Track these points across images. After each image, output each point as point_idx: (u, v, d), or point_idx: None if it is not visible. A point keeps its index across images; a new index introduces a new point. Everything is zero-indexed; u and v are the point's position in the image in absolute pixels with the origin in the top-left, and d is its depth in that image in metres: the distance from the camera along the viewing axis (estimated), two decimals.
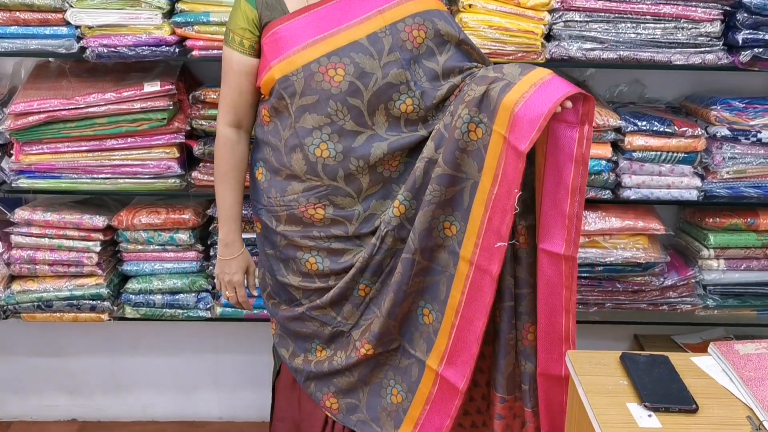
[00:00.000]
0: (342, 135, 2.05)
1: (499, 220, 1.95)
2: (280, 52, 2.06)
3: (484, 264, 2.00)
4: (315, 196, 2.12)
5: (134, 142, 2.62)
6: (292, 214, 2.16)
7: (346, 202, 2.12)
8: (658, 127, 2.62)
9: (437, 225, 2.08)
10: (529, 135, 1.84)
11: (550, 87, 1.87)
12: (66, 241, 2.73)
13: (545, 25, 2.49)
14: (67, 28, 2.50)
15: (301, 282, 2.23)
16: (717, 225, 2.81)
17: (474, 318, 2.05)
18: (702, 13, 2.49)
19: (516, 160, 1.88)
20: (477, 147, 1.99)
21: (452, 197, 2.05)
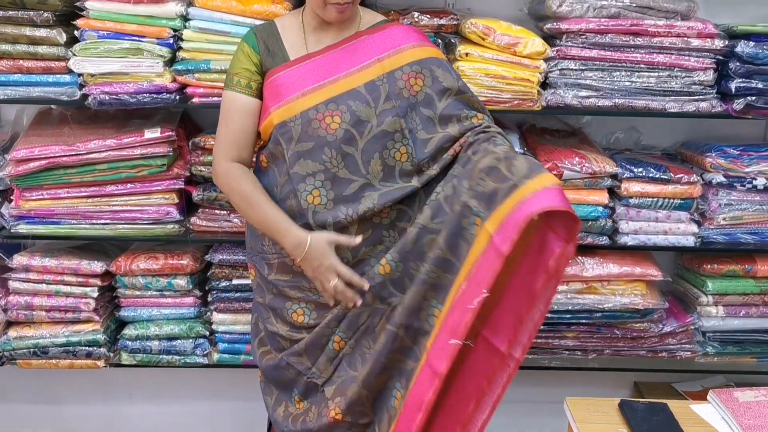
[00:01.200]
0: (335, 182, 2.07)
1: (458, 316, 1.88)
2: (280, 98, 2.09)
3: (433, 361, 1.93)
4: None
5: (134, 187, 2.63)
6: (283, 263, 2.16)
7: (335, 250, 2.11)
8: (654, 174, 2.64)
9: (427, 308, 2.02)
10: (511, 236, 1.78)
11: (544, 197, 1.77)
12: (64, 286, 2.72)
13: (541, 73, 2.52)
14: (70, 76, 2.53)
15: (288, 332, 2.22)
16: (715, 271, 2.81)
17: (412, 413, 1.97)
18: (695, 62, 2.53)
19: (494, 260, 1.80)
20: (466, 238, 1.93)
21: (447, 284, 1.98)
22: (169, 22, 2.48)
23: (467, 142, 2.07)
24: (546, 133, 2.93)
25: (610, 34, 2.50)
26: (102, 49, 2.48)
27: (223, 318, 2.79)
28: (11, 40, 2.50)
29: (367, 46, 2.11)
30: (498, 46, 2.49)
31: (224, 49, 2.49)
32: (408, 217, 2.11)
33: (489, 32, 2.49)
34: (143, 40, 2.49)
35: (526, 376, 3.10)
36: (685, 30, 2.51)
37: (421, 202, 2.10)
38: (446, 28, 2.60)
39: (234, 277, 2.75)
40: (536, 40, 2.49)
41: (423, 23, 2.55)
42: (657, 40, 2.51)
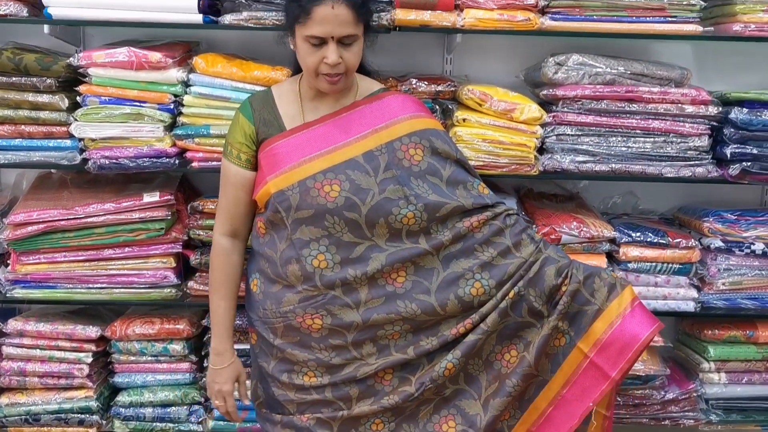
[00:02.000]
0: (340, 246, 2.06)
1: (560, 420, 2.11)
2: (277, 167, 2.10)
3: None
4: (312, 307, 2.10)
5: (131, 251, 2.63)
6: (290, 325, 2.14)
7: (343, 312, 2.09)
8: (652, 239, 2.65)
9: (500, 418, 2.16)
10: (619, 363, 2.05)
11: (635, 320, 2.08)
12: (57, 352, 2.69)
13: (538, 139, 2.55)
14: (71, 141, 2.56)
15: (296, 394, 2.18)
16: (716, 337, 2.79)
17: None
18: (690, 128, 2.56)
19: (600, 381, 2.08)
20: (556, 352, 2.13)
21: (526, 398, 2.17)
22: (170, 88, 2.52)
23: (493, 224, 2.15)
24: (544, 197, 2.95)
25: (606, 100, 2.54)
26: (103, 114, 2.51)
27: None
28: (14, 105, 2.53)
29: (364, 117, 2.13)
30: (495, 112, 2.52)
31: (224, 114, 2.52)
32: (425, 288, 2.10)
33: (486, 98, 2.53)
34: (144, 106, 2.52)
35: None
36: (679, 97, 2.55)
37: (438, 273, 2.11)
38: (444, 94, 2.64)
39: None
40: (533, 106, 2.53)
41: (421, 90, 2.59)
42: (652, 106, 2.55)
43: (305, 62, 2.05)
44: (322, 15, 1.96)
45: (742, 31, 2.55)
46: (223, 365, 2.26)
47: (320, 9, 1.96)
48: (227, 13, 2.49)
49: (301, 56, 2.06)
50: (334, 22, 1.97)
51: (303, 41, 2.02)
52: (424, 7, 2.48)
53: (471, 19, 2.49)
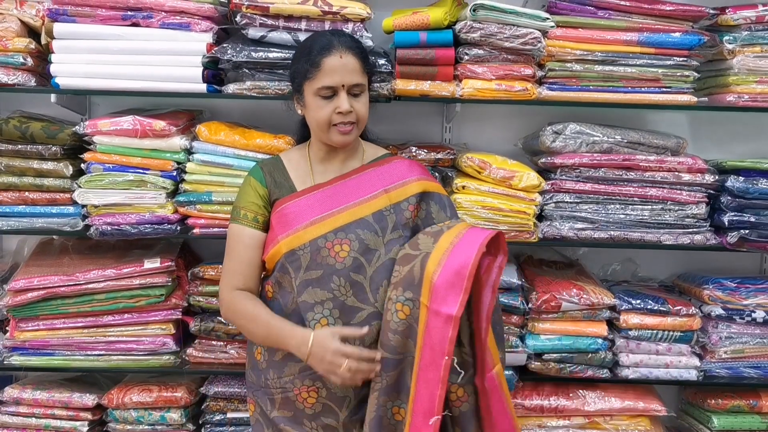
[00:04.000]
0: (343, 311, 2.06)
1: (428, 395, 1.90)
2: (289, 227, 2.12)
3: None
4: (310, 378, 2.09)
5: (131, 318, 2.63)
6: (287, 398, 2.12)
7: (338, 386, 2.07)
8: (653, 306, 2.65)
9: (386, 413, 2.00)
10: (456, 299, 1.85)
11: (463, 245, 1.91)
12: (53, 420, 2.66)
13: (537, 206, 2.57)
14: (74, 207, 2.58)
15: None
16: (719, 407, 2.76)
17: None
18: (687, 196, 2.59)
19: (442, 326, 1.87)
20: (408, 324, 1.97)
21: (396, 381, 2.00)
22: (173, 156, 2.56)
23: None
24: (543, 264, 2.96)
25: (603, 168, 2.57)
26: (107, 181, 2.54)
27: None
28: (18, 172, 2.57)
29: (374, 178, 2.17)
30: (494, 179, 2.55)
31: (226, 181, 2.55)
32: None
33: (485, 166, 2.56)
34: (147, 173, 2.55)
35: None
36: (675, 165, 2.58)
37: None
38: (443, 162, 2.67)
39: (229, 410, 2.69)
40: (531, 173, 2.56)
41: (421, 157, 2.63)
42: (649, 174, 2.58)
43: (317, 117, 2.10)
44: (332, 65, 2.06)
45: (736, 102, 2.60)
46: (312, 341, 2.00)
47: (329, 60, 2.06)
48: (231, 83, 2.54)
49: (313, 112, 2.12)
50: (344, 71, 2.07)
51: (314, 96, 2.09)
52: (424, 77, 2.54)
53: (469, 89, 2.54)
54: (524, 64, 2.55)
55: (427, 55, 2.52)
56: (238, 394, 2.65)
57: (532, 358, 2.65)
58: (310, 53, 2.09)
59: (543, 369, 2.65)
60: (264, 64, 2.49)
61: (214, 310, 2.65)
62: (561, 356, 2.64)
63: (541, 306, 2.60)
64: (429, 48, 2.51)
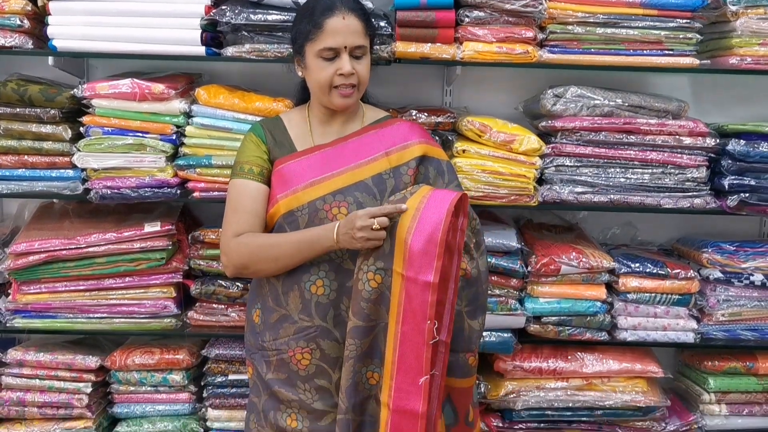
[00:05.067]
0: (339, 273, 2.07)
1: (415, 357, 1.92)
2: (287, 187, 2.12)
3: (401, 405, 1.95)
4: (304, 339, 2.10)
5: (132, 281, 2.64)
6: (281, 360, 2.14)
7: (331, 347, 2.10)
8: (652, 269, 2.65)
9: (361, 378, 2.03)
10: (431, 265, 1.87)
11: (430, 210, 1.90)
12: (57, 382, 2.69)
13: (537, 170, 2.57)
14: (73, 171, 2.58)
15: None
16: (716, 368, 2.79)
17: None
18: (688, 160, 2.58)
19: (422, 292, 1.89)
20: (380, 292, 1.97)
21: (369, 347, 2.01)
22: (172, 119, 2.54)
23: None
24: (543, 228, 2.96)
25: (604, 131, 2.56)
26: (106, 144, 2.53)
27: (218, 414, 2.74)
28: (17, 136, 2.56)
29: (375, 140, 2.16)
30: (494, 143, 2.54)
31: (226, 144, 2.55)
32: None
33: (485, 130, 2.55)
34: (147, 136, 2.54)
35: None
36: (676, 128, 2.57)
37: None
38: (443, 125, 2.66)
39: (230, 372, 2.71)
40: (531, 137, 2.55)
41: (421, 121, 2.62)
42: (650, 138, 2.57)
43: (318, 78, 2.09)
44: (334, 26, 2.04)
45: (739, 64, 2.58)
46: (338, 224, 2.00)
47: (332, 21, 2.05)
48: (230, 46, 2.52)
49: (314, 74, 2.10)
50: (346, 32, 2.05)
51: (315, 58, 2.07)
52: (424, 39, 2.52)
53: (470, 51, 2.52)
54: (525, 27, 2.52)
55: (427, 17, 2.49)
56: (239, 356, 2.67)
57: (531, 321, 2.66)
58: (312, 14, 2.07)
59: (542, 332, 2.66)
60: (263, 26, 2.47)
61: (215, 273, 2.66)
62: (560, 319, 2.66)
63: (540, 269, 2.61)
64: (429, 10, 2.49)
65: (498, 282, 2.63)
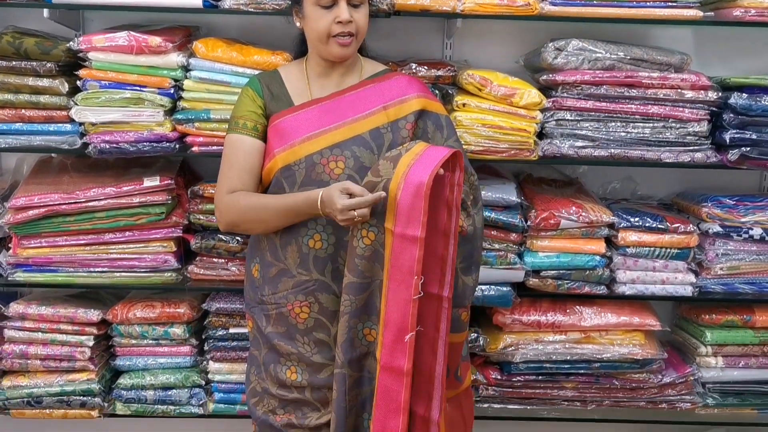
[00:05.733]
0: (336, 227, 2.07)
1: (400, 314, 1.93)
2: (284, 141, 2.11)
3: (388, 362, 1.97)
4: (302, 293, 2.12)
5: (132, 235, 2.64)
6: (280, 313, 2.16)
7: (330, 301, 2.12)
8: (651, 224, 2.66)
9: (357, 334, 2.06)
10: (417, 219, 1.87)
11: (417, 169, 1.90)
12: (59, 335, 2.71)
13: (537, 124, 2.55)
14: (71, 125, 2.56)
15: (278, 390, 2.20)
16: (713, 321, 2.80)
17: (387, 420, 1.99)
18: (689, 114, 2.56)
19: (409, 248, 1.90)
20: (374, 249, 1.99)
21: (365, 303, 2.04)
22: (170, 73, 2.52)
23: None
24: (543, 182, 2.95)
25: (605, 85, 2.54)
26: (103, 98, 2.51)
27: (219, 367, 2.77)
28: (14, 89, 2.53)
29: (373, 94, 2.15)
30: (495, 96, 2.52)
31: (224, 98, 2.52)
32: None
33: (486, 83, 2.53)
34: (144, 90, 2.52)
35: (525, 426, 3.07)
36: (678, 82, 2.54)
37: None
38: (443, 79, 2.63)
39: (231, 325, 2.73)
40: (532, 91, 2.53)
41: (421, 74, 2.59)
42: (651, 91, 2.54)
43: (316, 27, 2.07)
44: None
45: (743, 16, 2.54)
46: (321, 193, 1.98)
47: None
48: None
49: (312, 23, 2.09)
50: None
51: (313, 6, 2.06)
52: None
53: (471, 3, 2.48)
54: None
55: None
56: (240, 310, 2.69)
57: (530, 275, 2.67)
58: None
59: (541, 285, 2.68)
60: None
61: (215, 228, 2.66)
62: (559, 273, 2.66)
63: (539, 224, 2.61)
64: None
65: (497, 236, 2.63)
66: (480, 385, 2.78)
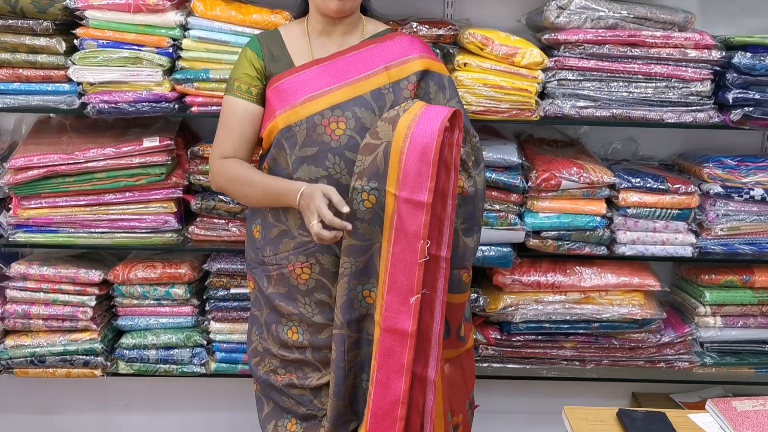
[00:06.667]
0: (337, 188, 2.05)
1: (405, 277, 1.93)
2: (286, 102, 2.10)
3: (391, 324, 1.97)
4: (303, 254, 2.12)
5: (132, 196, 2.64)
6: (282, 274, 2.16)
7: (330, 262, 2.12)
8: (652, 184, 2.65)
9: (356, 296, 2.07)
10: (424, 185, 1.87)
11: (420, 132, 1.88)
12: (61, 295, 2.72)
13: (539, 84, 2.53)
14: (69, 85, 2.54)
15: (279, 350, 2.22)
16: (712, 282, 2.81)
17: (389, 381, 2.00)
18: (692, 73, 2.54)
19: (415, 213, 1.89)
20: (374, 212, 1.99)
21: (364, 266, 2.04)
22: (168, 32, 2.49)
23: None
24: (544, 143, 2.94)
25: (608, 44, 2.51)
26: (101, 58, 2.49)
27: (220, 327, 2.78)
28: (11, 48, 2.51)
29: (374, 54, 2.13)
30: (496, 56, 2.50)
31: (223, 58, 2.50)
32: None
33: (487, 42, 2.50)
34: (142, 49, 2.49)
35: (524, 386, 3.10)
36: (682, 41, 2.52)
37: None
38: (444, 38, 2.61)
39: (232, 286, 2.74)
40: (534, 50, 2.51)
41: (421, 33, 2.56)
42: (654, 51, 2.52)
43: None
44: None
45: None
46: (301, 192, 1.98)
47: None
48: None
49: None
50: None
51: None
52: None
53: None
54: None
55: None
56: (241, 270, 2.70)
57: (531, 235, 2.67)
58: None
59: (541, 246, 2.68)
60: None
61: None
62: (559, 234, 2.67)
63: (540, 184, 2.61)
64: None
65: (498, 197, 2.63)
66: (480, 344, 2.80)
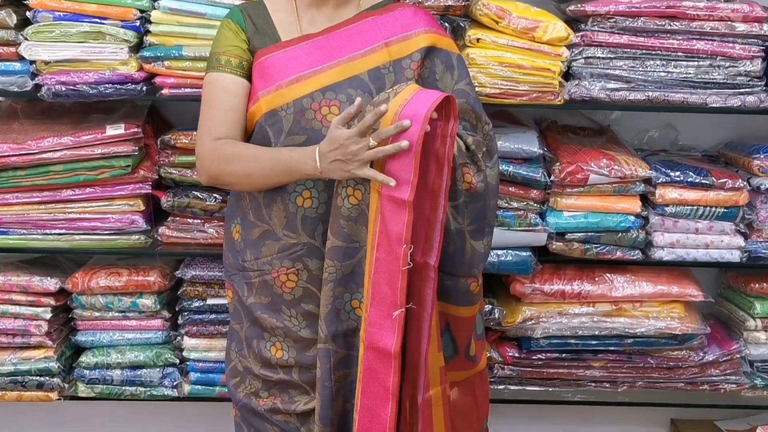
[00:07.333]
0: (328, 183, 2.06)
1: (389, 287, 1.92)
2: (270, 82, 2.09)
3: (373, 341, 1.95)
4: (289, 258, 2.11)
5: (93, 192, 2.63)
6: (264, 282, 2.15)
7: (320, 268, 2.10)
8: (694, 179, 2.65)
9: (343, 306, 2.06)
10: (407, 180, 1.84)
11: (406, 117, 1.84)
12: (12, 306, 2.72)
13: (563, 62, 2.53)
14: (21, 64, 2.54)
15: (261, 370, 2.21)
16: (763, 291, 2.81)
17: (375, 407, 1.97)
18: (741, 50, 2.54)
19: (397, 211, 1.87)
20: (360, 210, 1.98)
21: (352, 271, 2.03)
22: (135, 2, 2.49)
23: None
24: (569, 131, 2.94)
25: (643, 17, 2.51)
26: (58, 32, 2.48)
27: (195, 343, 2.78)
28: None
29: (373, 28, 2.12)
30: (514, 30, 2.49)
31: (198, 32, 2.50)
32: None
33: (504, 15, 2.50)
34: (105, 23, 2.49)
35: (546, 411, 3.10)
36: (729, 13, 2.51)
37: None
38: (455, 9, 2.61)
39: (208, 296, 2.74)
40: (558, 24, 2.50)
41: (428, 4, 2.56)
42: (697, 24, 2.52)
43: None
44: None
45: None
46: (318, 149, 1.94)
47: None
48: None
49: None
50: None
51: None
52: None
53: None
54: None
55: None
56: (218, 278, 2.69)
57: (554, 237, 2.67)
58: None
59: (565, 250, 2.68)
60: None
61: (189, 183, 2.65)
62: (586, 236, 2.67)
63: (565, 179, 2.60)
64: None
65: (516, 193, 2.63)
66: (495, 364, 2.79)
